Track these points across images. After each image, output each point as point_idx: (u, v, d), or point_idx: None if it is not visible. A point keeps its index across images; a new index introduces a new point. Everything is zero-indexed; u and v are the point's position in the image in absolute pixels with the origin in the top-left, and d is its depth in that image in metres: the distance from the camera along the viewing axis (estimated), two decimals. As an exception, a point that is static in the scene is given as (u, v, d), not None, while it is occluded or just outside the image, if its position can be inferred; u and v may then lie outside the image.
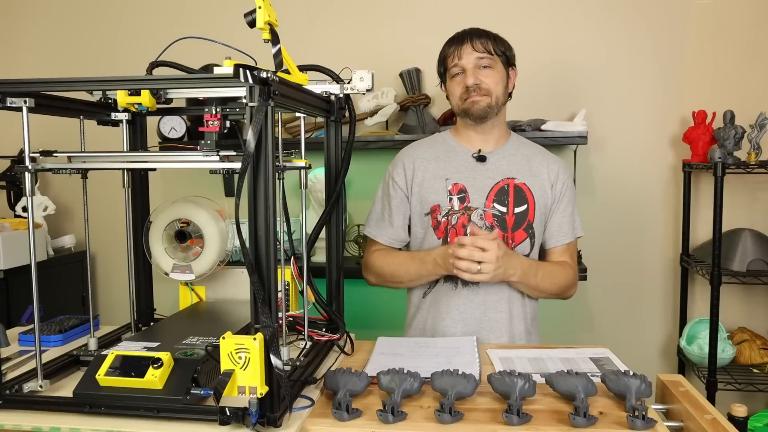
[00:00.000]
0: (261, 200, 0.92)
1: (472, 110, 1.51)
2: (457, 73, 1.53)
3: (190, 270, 1.37)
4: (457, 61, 1.51)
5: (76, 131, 1.24)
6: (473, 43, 1.50)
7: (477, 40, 1.50)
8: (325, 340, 1.32)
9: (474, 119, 1.53)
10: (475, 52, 1.50)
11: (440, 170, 1.57)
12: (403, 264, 1.57)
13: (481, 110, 1.51)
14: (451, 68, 1.54)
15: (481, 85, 1.50)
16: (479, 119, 1.53)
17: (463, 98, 1.52)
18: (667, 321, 2.45)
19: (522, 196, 1.54)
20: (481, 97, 1.50)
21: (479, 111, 1.51)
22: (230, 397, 0.90)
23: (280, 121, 1.47)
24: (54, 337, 1.39)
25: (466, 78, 1.51)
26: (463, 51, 1.50)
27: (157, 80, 1.05)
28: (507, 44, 1.56)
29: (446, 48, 1.56)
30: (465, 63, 1.50)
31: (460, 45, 1.51)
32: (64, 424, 0.96)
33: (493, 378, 1.06)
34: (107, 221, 2.31)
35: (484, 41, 1.51)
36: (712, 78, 2.34)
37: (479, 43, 1.50)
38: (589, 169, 2.42)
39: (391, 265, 1.59)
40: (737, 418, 1.15)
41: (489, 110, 1.52)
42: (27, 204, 1.05)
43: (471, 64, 1.50)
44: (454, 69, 1.53)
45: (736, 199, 2.34)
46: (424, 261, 1.52)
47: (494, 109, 1.52)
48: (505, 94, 1.56)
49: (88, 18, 2.69)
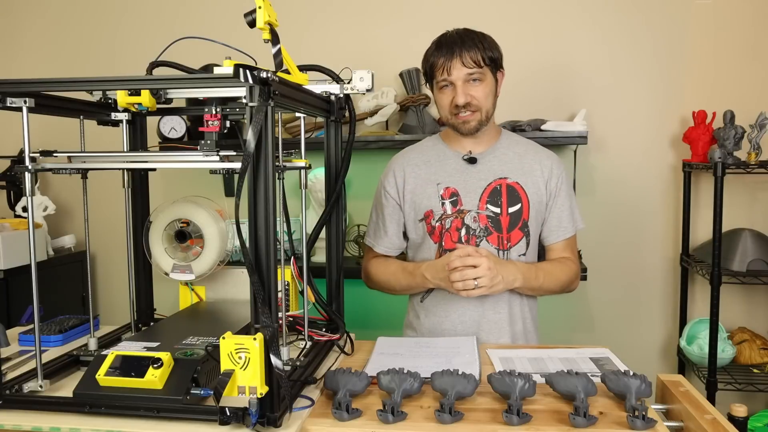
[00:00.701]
0: (261, 200, 0.92)
1: (463, 129, 1.51)
2: (446, 85, 1.49)
3: (190, 270, 1.37)
4: (446, 76, 1.46)
5: (76, 131, 1.24)
6: (463, 58, 1.44)
7: (467, 54, 1.44)
8: (325, 340, 1.32)
9: (464, 134, 1.53)
10: (465, 68, 1.44)
11: (431, 175, 1.57)
12: (394, 275, 1.59)
13: (472, 128, 1.51)
14: (439, 81, 1.49)
15: (471, 102, 1.47)
16: (469, 134, 1.53)
17: (453, 113, 1.50)
18: (667, 321, 2.45)
19: (515, 195, 1.54)
20: (472, 115, 1.48)
21: (470, 129, 1.51)
22: (230, 397, 0.90)
23: (280, 121, 1.47)
24: (54, 337, 1.39)
25: (456, 95, 1.47)
26: (453, 66, 1.45)
27: (157, 80, 1.05)
28: (494, 45, 1.50)
29: (434, 56, 1.48)
30: (454, 78, 1.46)
31: (449, 59, 1.45)
32: (64, 424, 0.96)
33: (493, 378, 1.06)
34: (107, 221, 2.31)
35: (473, 53, 1.44)
36: (712, 78, 2.34)
37: (469, 57, 1.44)
38: (589, 169, 2.42)
39: (385, 274, 1.61)
40: (737, 418, 1.15)
41: (479, 126, 1.51)
42: (27, 204, 1.05)
43: (461, 80, 1.46)
44: (443, 82, 1.49)
45: (736, 199, 2.34)
46: (414, 275, 1.53)
47: (484, 123, 1.51)
48: (495, 102, 1.54)
49: (88, 18, 2.69)
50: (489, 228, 1.52)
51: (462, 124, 1.50)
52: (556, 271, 1.54)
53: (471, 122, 1.49)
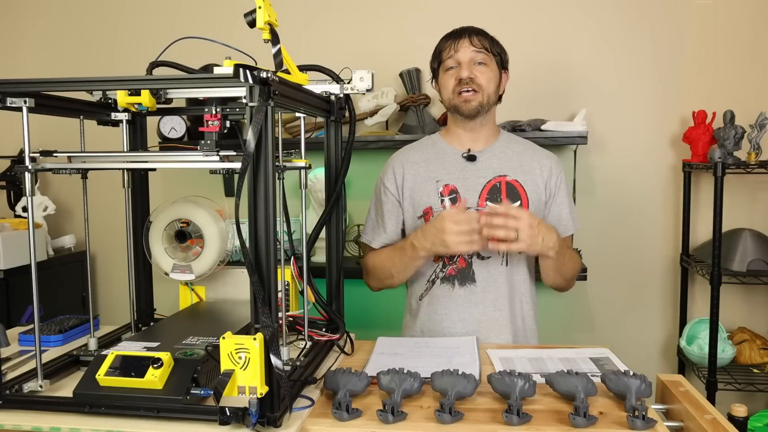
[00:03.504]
0: (261, 200, 0.92)
1: (464, 108, 1.53)
2: (452, 67, 1.54)
3: (190, 270, 1.37)
4: (453, 54, 1.53)
5: (76, 131, 1.25)
6: (471, 38, 1.52)
7: (474, 36, 1.53)
8: (325, 340, 1.32)
9: (464, 116, 1.54)
10: (472, 47, 1.52)
11: (431, 172, 1.58)
12: (387, 257, 1.58)
13: (473, 109, 1.52)
14: (445, 60, 1.55)
15: (474, 80, 1.51)
16: (469, 117, 1.54)
17: (456, 92, 1.53)
18: (667, 321, 2.45)
19: (515, 192, 1.54)
20: (473, 95, 1.51)
21: (470, 110, 1.53)
22: (230, 397, 0.90)
23: (280, 121, 1.47)
24: (54, 337, 1.39)
25: (460, 71, 1.52)
26: (460, 45, 1.52)
27: (157, 80, 1.05)
28: (502, 47, 1.59)
29: (442, 42, 1.57)
30: (461, 56, 1.52)
31: (457, 39, 1.53)
32: (64, 424, 0.96)
33: (493, 378, 1.06)
34: (107, 221, 2.31)
35: (481, 38, 1.53)
36: (712, 78, 2.34)
37: (476, 39, 1.52)
38: (589, 169, 2.42)
39: (380, 260, 1.60)
40: (737, 418, 1.15)
41: (480, 108, 1.53)
42: (27, 204, 1.05)
43: (467, 57, 1.52)
44: (449, 62, 1.54)
45: (736, 199, 2.34)
46: (403, 248, 1.52)
47: (485, 108, 1.54)
48: (497, 94, 1.57)
49: (88, 18, 2.69)
50: None
51: (463, 103, 1.52)
52: (574, 258, 1.61)
53: (472, 102, 1.52)
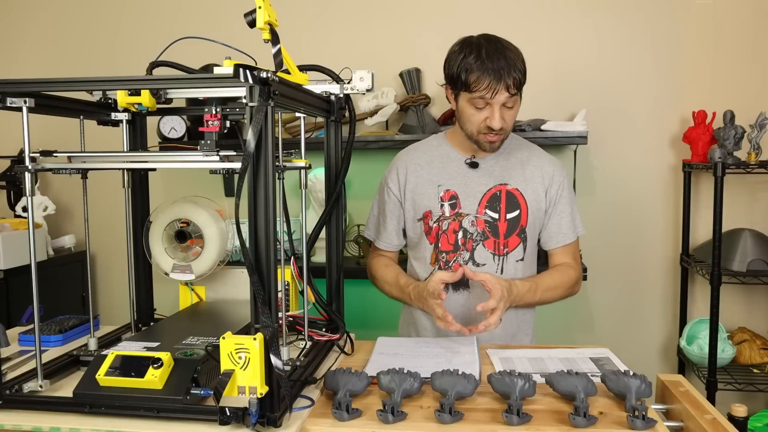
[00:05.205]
0: (261, 200, 0.92)
1: (488, 148, 1.52)
2: (481, 106, 1.45)
3: (190, 270, 1.37)
4: (488, 98, 1.42)
5: (76, 131, 1.24)
6: (508, 84, 1.41)
7: (511, 80, 1.41)
8: (325, 340, 1.32)
9: (485, 151, 1.54)
10: (507, 93, 1.42)
11: (433, 176, 1.58)
12: (388, 284, 1.63)
13: (496, 149, 1.54)
14: (476, 98, 1.44)
15: (503, 127, 1.46)
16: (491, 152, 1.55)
17: (481, 132, 1.48)
18: (667, 321, 2.45)
19: (514, 201, 1.54)
20: (499, 138, 1.49)
21: (494, 149, 1.53)
22: (230, 397, 0.90)
23: (280, 121, 1.47)
24: (54, 337, 1.39)
25: (492, 118, 1.44)
26: (499, 91, 1.41)
27: (157, 80, 1.05)
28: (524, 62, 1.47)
29: (479, 71, 1.41)
30: (495, 102, 1.43)
31: (497, 82, 1.40)
32: (64, 424, 0.96)
33: (493, 378, 1.06)
34: (107, 221, 2.31)
35: (516, 77, 1.41)
36: (712, 78, 2.34)
37: (512, 82, 1.41)
38: (589, 169, 2.42)
39: (383, 281, 1.65)
40: (737, 418, 1.15)
41: (501, 145, 1.54)
42: (27, 204, 1.05)
43: (499, 104, 1.43)
44: (479, 102, 1.45)
45: (736, 199, 2.34)
46: (403, 291, 1.57)
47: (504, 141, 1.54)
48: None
49: (88, 18, 2.69)
50: (486, 233, 1.53)
51: (488, 144, 1.50)
52: (556, 283, 1.56)
53: (496, 143, 1.51)
